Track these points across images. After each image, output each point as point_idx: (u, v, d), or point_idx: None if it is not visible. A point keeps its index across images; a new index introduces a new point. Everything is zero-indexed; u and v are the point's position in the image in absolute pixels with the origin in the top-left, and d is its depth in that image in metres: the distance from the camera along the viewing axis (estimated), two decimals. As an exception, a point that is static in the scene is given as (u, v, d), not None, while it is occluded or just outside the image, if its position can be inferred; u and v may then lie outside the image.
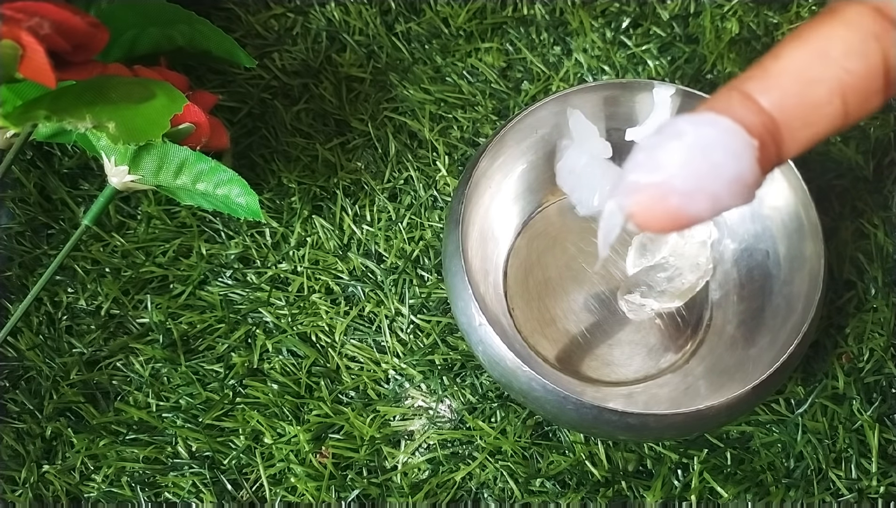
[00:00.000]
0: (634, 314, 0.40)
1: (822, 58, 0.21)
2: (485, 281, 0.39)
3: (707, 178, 0.20)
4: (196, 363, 0.40)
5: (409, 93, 0.46)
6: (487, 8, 0.48)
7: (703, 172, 0.20)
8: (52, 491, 0.38)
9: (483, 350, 0.34)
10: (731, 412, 0.33)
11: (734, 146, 0.21)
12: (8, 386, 0.40)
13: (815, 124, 0.21)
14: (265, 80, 0.46)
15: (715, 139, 0.21)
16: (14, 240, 0.42)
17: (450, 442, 0.38)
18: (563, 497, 0.37)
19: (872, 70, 0.21)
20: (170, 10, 0.40)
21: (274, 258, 0.42)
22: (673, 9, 0.48)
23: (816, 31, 0.21)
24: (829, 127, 0.21)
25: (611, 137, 0.40)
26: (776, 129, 0.21)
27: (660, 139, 0.21)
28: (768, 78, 0.21)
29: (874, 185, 0.43)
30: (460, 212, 0.36)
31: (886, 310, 0.40)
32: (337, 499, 0.37)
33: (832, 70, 0.21)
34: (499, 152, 0.39)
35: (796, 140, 0.21)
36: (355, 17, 0.48)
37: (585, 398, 0.32)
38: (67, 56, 0.34)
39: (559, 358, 0.39)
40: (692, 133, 0.21)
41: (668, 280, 0.39)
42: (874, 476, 0.37)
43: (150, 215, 0.43)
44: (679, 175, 0.20)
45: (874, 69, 0.21)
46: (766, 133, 0.21)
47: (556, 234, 0.42)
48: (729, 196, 0.21)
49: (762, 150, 0.21)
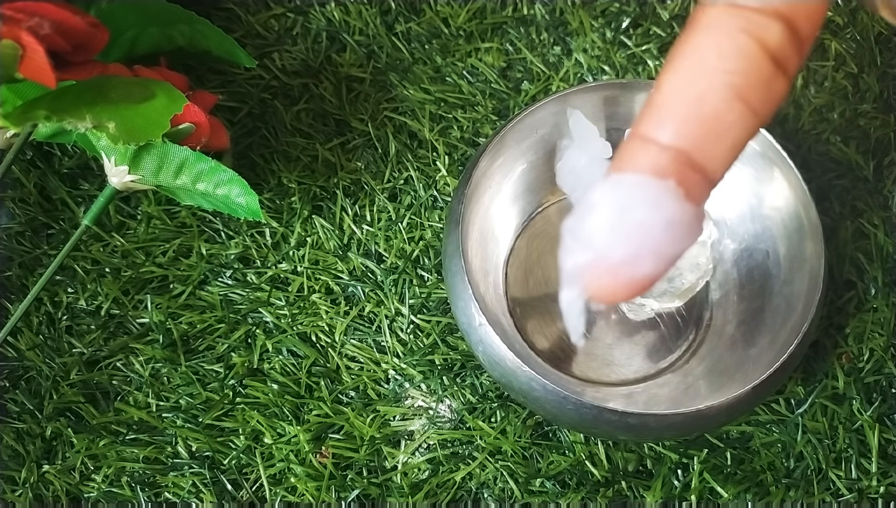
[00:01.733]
0: (634, 314, 0.40)
1: (700, 72, 0.20)
2: (485, 281, 0.39)
3: (640, 238, 0.20)
4: (196, 363, 0.40)
5: (409, 93, 0.46)
6: (487, 8, 0.48)
7: (633, 235, 0.20)
8: (52, 491, 0.38)
9: (483, 350, 0.34)
10: (732, 412, 0.33)
11: (651, 197, 0.20)
12: (8, 386, 0.40)
13: (726, 135, 0.20)
14: (265, 80, 0.46)
15: (629, 199, 0.20)
16: (14, 240, 0.42)
17: (450, 442, 0.38)
18: (563, 497, 0.37)
19: (755, 62, 0.20)
20: (170, 10, 0.40)
21: (274, 258, 0.42)
22: (673, 9, 0.48)
23: (685, 48, 0.20)
24: (743, 131, 0.20)
25: (611, 137, 0.40)
26: (688, 157, 0.20)
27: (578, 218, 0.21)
28: (658, 112, 0.20)
29: (874, 185, 0.43)
30: (460, 212, 0.36)
31: (886, 310, 0.40)
32: (337, 499, 0.37)
33: (716, 79, 0.20)
34: (499, 152, 0.39)
35: (716, 156, 0.20)
36: (355, 17, 0.48)
37: (585, 399, 0.32)
38: (67, 56, 0.34)
39: (559, 358, 0.39)
40: (606, 202, 0.20)
41: (667, 280, 0.39)
42: (874, 476, 0.37)
43: (150, 215, 0.43)
44: (611, 246, 0.20)
45: (756, 60, 0.20)
46: (680, 166, 0.20)
47: (556, 234, 0.41)
48: (672, 243, 0.20)
49: (684, 184, 0.20)
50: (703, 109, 0.20)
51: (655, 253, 0.20)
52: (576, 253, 0.21)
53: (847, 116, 0.45)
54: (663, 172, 0.20)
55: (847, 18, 0.47)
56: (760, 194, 0.39)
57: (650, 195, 0.20)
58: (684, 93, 0.20)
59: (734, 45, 0.20)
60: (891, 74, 0.46)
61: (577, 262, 0.21)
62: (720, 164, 0.21)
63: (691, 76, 0.20)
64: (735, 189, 0.40)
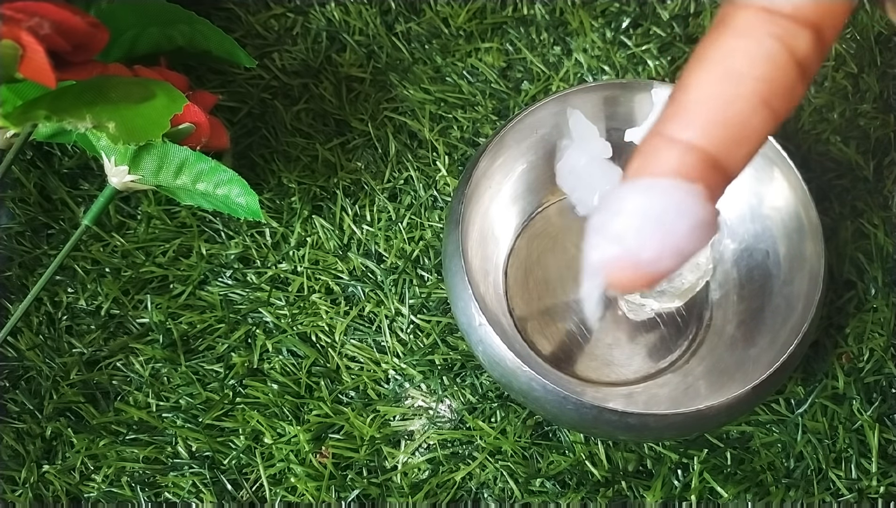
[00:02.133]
0: (634, 314, 0.40)
1: (730, 76, 0.20)
2: (485, 281, 0.39)
3: (666, 239, 0.21)
4: (196, 363, 0.40)
5: (409, 93, 0.46)
6: (487, 8, 0.48)
7: (661, 237, 0.21)
8: (52, 491, 0.38)
9: (483, 350, 0.34)
10: (732, 411, 0.33)
11: (680, 202, 0.20)
12: (8, 386, 0.40)
13: (749, 139, 0.20)
14: (265, 80, 0.46)
15: (660, 204, 0.20)
16: (14, 240, 0.42)
17: (450, 442, 0.38)
18: (563, 497, 0.37)
19: (782, 69, 0.20)
20: (170, 10, 0.40)
21: (274, 258, 0.42)
22: (673, 9, 0.48)
23: (715, 50, 0.20)
24: (764, 134, 0.21)
25: (611, 137, 0.40)
26: (713, 159, 0.20)
27: (605, 218, 0.21)
28: (686, 113, 0.21)
29: (874, 185, 0.43)
30: (460, 212, 0.36)
31: (886, 310, 0.40)
32: (337, 499, 0.37)
33: (745, 85, 0.20)
34: (499, 152, 0.39)
35: (738, 158, 0.21)
36: (355, 17, 0.48)
37: (585, 399, 0.32)
38: (67, 56, 0.34)
39: (559, 358, 0.39)
40: (637, 205, 0.21)
41: (667, 280, 0.39)
42: (874, 476, 0.37)
43: (150, 215, 0.43)
44: (639, 246, 0.21)
45: (784, 67, 0.20)
46: (705, 168, 0.20)
47: (556, 234, 0.42)
48: (694, 243, 0.21)
49: (708, 185, 0.20)
50: (730, 113, 0.20)
51: (678, 252, 0.21)
52: (602, 249, 0.21)
53: (847, 116, 0.45)
54: (690, 174, 0.20)
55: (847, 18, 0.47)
56: (760, 194, 0.39)
57: (679, 200, 0.20)
58: (713, 96, 0.20)
59: (765, 51, 0.20)
60: (891, 74, 0.46)
61: (603, 257, 0.21)
62: (741, 165, 0.21)
63: (721, 80, 0.20)
64: (735, 189, 0.40)
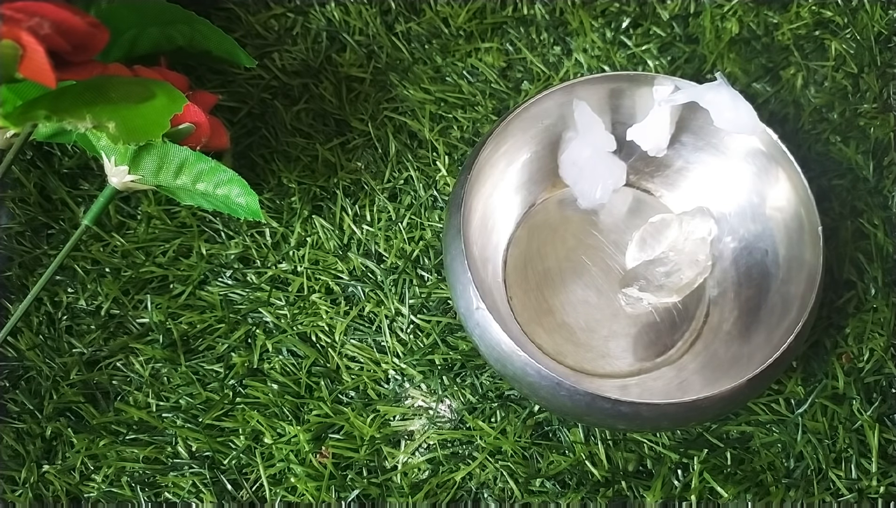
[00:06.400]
0: (631, 308, 0.40)
1: None
2: (484, 268, 0.39)
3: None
4: (196, 363, 0.40)
5: (409, 93, 0.46)
6: (487, 8, 0.48)
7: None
8: (52, 491, 0.38)
9: (480, 335, 0.34)
10: (725, 404, 0.33)
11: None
12: (8, 386, 0.40)
13: None
14: (265, 80, 0.46)
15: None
16: (14, 240, 0.42)
17: (450, 442, 0.38)
18: (563, 497, 0.37)
19: None
20: (170, 10, 0.40)
21: (274, 258, 0.42)
22: (673, 9, 0.48)
23: None
24: None
25: (615, 131, 0.40)
26: None
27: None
28: None
29: (874, 185, 0.43)
30: (461, 196, 0.35)
31: (886, 310, 0.40)
32: (337, 499, 0.37)
33: None
34: (503, 141, 0.39)
35: None
36: (355, 17, 0.48)
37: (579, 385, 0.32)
38: (67, 56, 0.34)
39: (555, 348, 0.39)
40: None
41: (666, 275, 0.39)
42: (874, 476, 0.37)
43: (150, 215, 0.43)
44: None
45: None
46: None
47: (556, 225, 0.42)
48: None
49: None
50: None
51: None
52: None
53: (847, 116, 0.45)
54: None
55: (847, 18, 0.47)
56: (762, 193, 0.39)
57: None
58: None
59: None
60: (891, 73, 0.46)
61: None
62: None
63: None
64: (737, 187, 0.40)
